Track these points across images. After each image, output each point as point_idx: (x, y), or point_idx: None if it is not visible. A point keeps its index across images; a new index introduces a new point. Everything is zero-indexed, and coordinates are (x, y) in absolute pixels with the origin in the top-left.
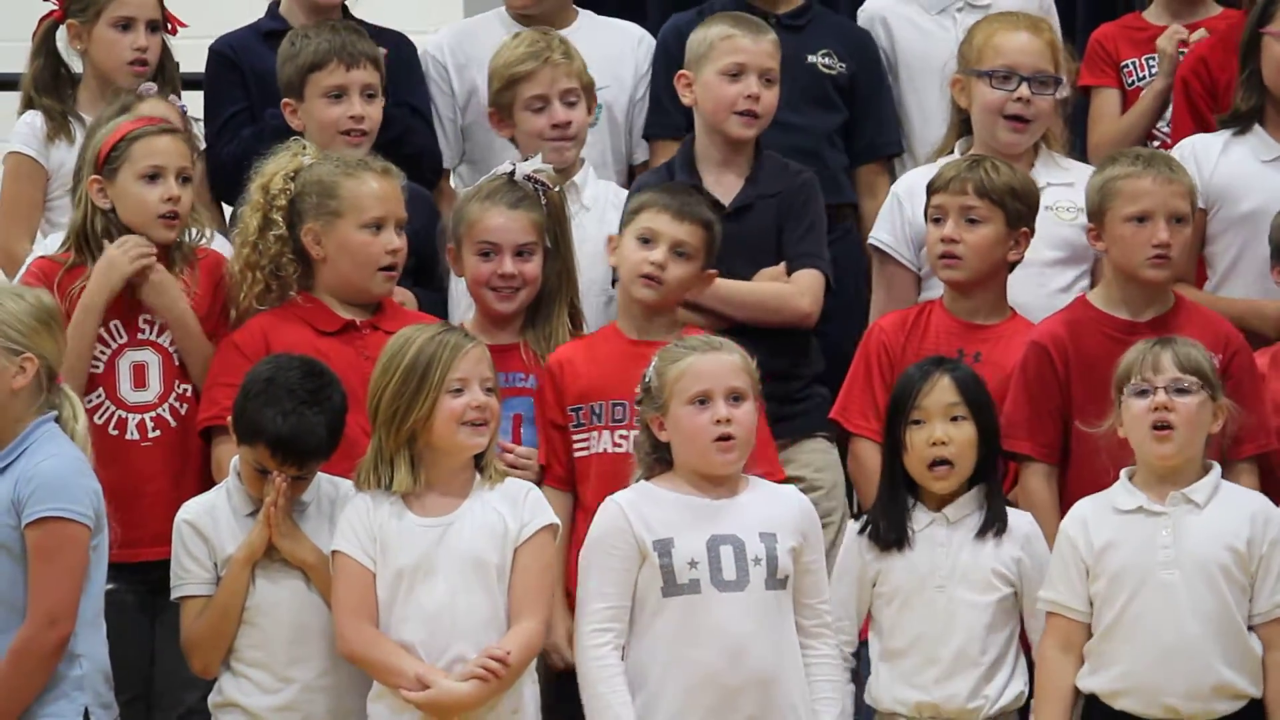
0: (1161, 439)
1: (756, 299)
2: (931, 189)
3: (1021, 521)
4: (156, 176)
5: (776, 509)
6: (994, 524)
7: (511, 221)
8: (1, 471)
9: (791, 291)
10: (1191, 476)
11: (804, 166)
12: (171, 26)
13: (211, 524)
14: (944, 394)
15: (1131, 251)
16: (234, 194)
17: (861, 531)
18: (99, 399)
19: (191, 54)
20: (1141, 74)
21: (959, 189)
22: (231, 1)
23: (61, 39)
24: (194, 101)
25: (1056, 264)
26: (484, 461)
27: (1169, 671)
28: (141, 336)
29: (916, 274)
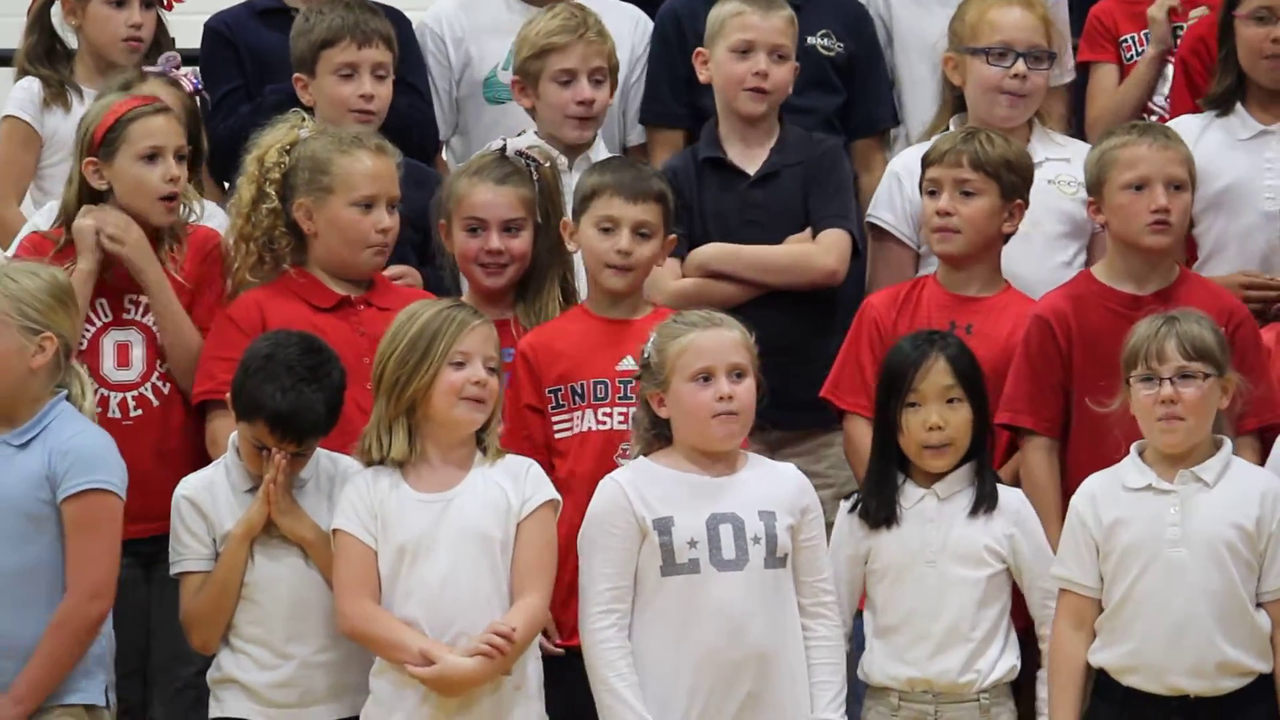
0: (1169, 429)
1: (782, 261)
2: (926, 162)
3: (1012, 498)
4: (155, 157)
5: (775, 487)
6: (984, 501)
7: (499, 197)
8: (24, 447)
9: (816, 250)
10: (1202, 455)
11: (828, 136)
12: (167, 2)
13: (210, 500)
14: (940, 377)
15: (1131, 219)
16: (231, 170)
17: (852, 510)
18: None
19: (186, 30)
20: (1140, 48)
21: (954, 161)
22: None
23: (56, 14)
24: None
25: (1060, 238)
26: (485, 440)
27: (1175, 649)
28: (127, 316)
29: (916, 252)
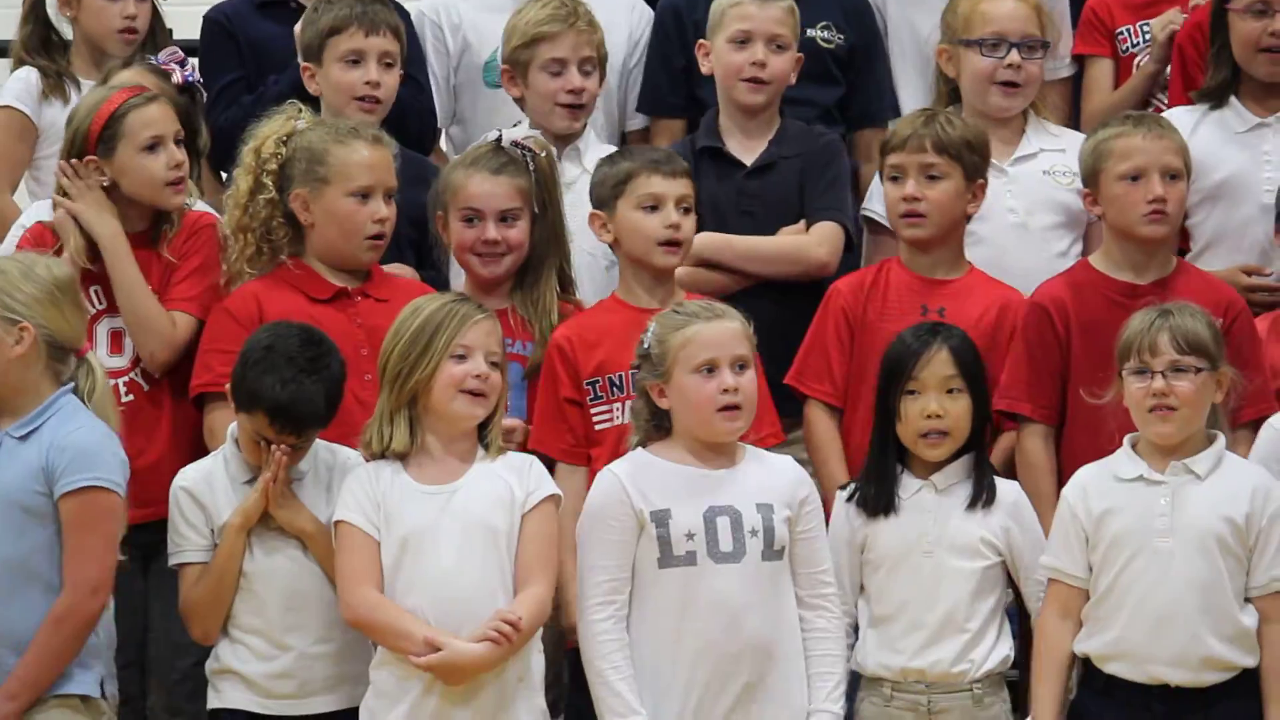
0: (1161, 419)
1: (773, 251)
2: (888, 148)
3: (1009, 490)
4: (156, 146)
5: (772, 479)
6: (982, 494)
7: (495, 187)
8: (24, 439)
9: (808, 242)
10: (1195, 447)
11: (827, 130)
12: None
13: (209, 491)
14: (941, 366)
15: (1127, 210)
16: (230, 161)
17: (850, 498)
18: None
19: (185, 21)
20: (1136, 40)
21: (917, 146)
22: None
23: (51, 5)
24: None
25: (1056, 228)
26: (488, 435)
27: (1158, 639)
28: None
29: None
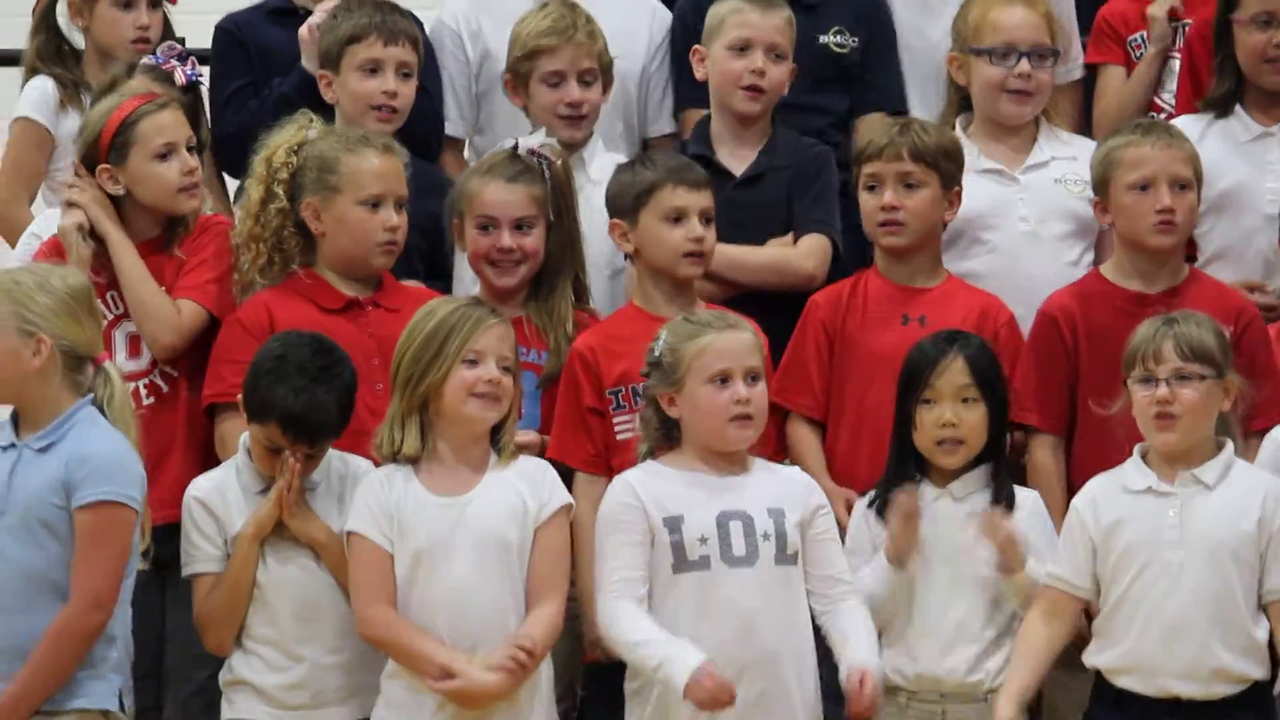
0: (1164, 428)
1: (761, 262)
2: (864, 157)
3: (1027, 499)
4: (169, 153)
5: (783, 486)
6: (1000, 503)
7: (510, 195)
8: (44, 451)
9: (796, 254)
10: (1203, 456)
11: (818, 141)
12: None
13: (221, 502)
14: (957, 375)
15: (1137, 219)
16: (239, 167)
17: (870, 505)
18: None
19: (196, 30)
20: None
21: (894, 155)
22: None
23: (62, 14)
24: None
25: (1067, 237)
26: (501, 441)
27: (1169, 652)
28: None
29: None
